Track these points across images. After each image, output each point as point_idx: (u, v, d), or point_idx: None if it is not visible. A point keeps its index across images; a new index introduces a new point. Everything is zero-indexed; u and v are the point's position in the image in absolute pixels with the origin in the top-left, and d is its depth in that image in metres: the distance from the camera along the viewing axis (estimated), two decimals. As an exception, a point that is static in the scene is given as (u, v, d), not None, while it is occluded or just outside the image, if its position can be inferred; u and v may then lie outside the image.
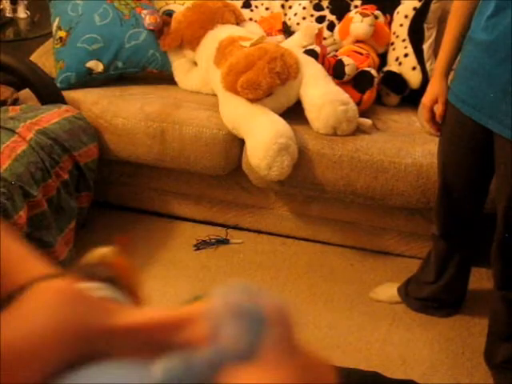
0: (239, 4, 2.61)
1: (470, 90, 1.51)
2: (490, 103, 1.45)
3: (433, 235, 1.86)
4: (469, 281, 1.92)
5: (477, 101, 1.49)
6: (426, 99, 1.68)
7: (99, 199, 2.33)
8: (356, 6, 2.49)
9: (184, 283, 2.09)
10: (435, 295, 1.93)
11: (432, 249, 1.90)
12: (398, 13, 2.41)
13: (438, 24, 2.36)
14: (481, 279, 2.04)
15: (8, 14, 3.00)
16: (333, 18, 2.51)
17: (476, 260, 1.89)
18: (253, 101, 2.08)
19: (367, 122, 2.15)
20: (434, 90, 1.66)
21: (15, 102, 2.25)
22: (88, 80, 2.39)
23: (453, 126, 1.62)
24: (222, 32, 2.35)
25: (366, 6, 2.44)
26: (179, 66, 2.47)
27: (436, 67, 1.69)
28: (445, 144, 1.69)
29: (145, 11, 2.46)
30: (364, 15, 2.33)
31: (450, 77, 1.65)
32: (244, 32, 2.38)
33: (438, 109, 1.65)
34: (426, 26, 2.35)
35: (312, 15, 2.56)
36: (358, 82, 2.23)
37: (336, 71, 2.22)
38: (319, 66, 2.19)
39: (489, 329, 1.73)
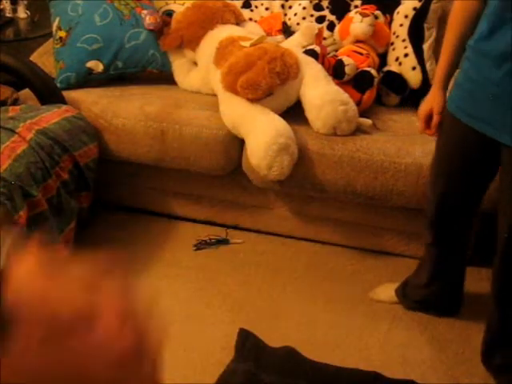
0: (239, 4, 2.61)
1: (476, 103, 1.47)
2: (500, 116, 1.42)
3: (425, 242, 1.85)
4: (464, 285, 1.92)
5: (486, 114, 1.45)
6: (421, 110, 1.67)
7: (99, 199, 2.33)
8: (356, 6, 2.49)
9: (184, 283, 2.09)
10: (430, 298, 1.93)
11: (425, 255, 1.90)
12: (397, 13, 2.41)
13: (438, 24, 2.36)
14: (481, 279, 2.04)
15: (8, 14, 3.00)
16: (333, 18, 2.51)
17: (476, 260, 1.89)
18: (253, 101, 2.08)
19: (367, 121, 2.15)
20: (430, 101, 1.65)
21: (15, 102, 2.25)
22: (88, 80, 2.39)
23: (452, 137, 1.61)
24: (222, 32, 2.35)
25: (365, 6, 2.44)
26: (179, 66, 2.47)
27: (435, 78, 1.67)
28: (442, 154, 1.67)
29: (145, 11, 2.46)
30: (364, 15, 2.33)
31: (450, 86, 1.64)
32: (244, 32, 2.38)
33: (434, 120, 1.64)
34: (426, 25, 2.34)
35: (312, 15, 2.56)
36: (358, 82, 2.23)
37: (336, 71, 2.22)
38: (319, 66, 2.19)
39: (484, 333, 1.72)
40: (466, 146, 1.57)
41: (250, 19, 2.60)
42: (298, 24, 2.55)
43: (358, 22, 2.33)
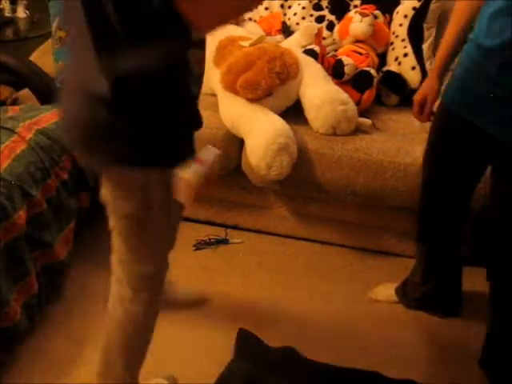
0: (239, 4, 2.60)
1: (474, 97, 1.48)
2: (494, 109, 1.43)
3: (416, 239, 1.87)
4: (461, 283, 1.92)
5: (480, 108, 1.46)
6: (416, 95, 1.72)
7: (99, 199, 2.33)
8: (355, 6, 2.49)
9: (184, 283, 2.09)
10: (427, 296, 1.93)
11: (416, 252, 1.91)
12: (397, 13, 2.41)
13: (437, 24, 2.36)
14: (479, 279, 2.04)
15: (8, 13, 3.00)
16: (332, 17, 2.51)
17: (475, 260, 1.89)
18: (252, 101, 2.08)
19: (367, 121, 2.15)
20: (425, 88, 1.68)
21: (15, 102, 2.24)
22: (87, 80, 2.38)
23: (442, 128, 1.62)
24: (222, 32, 2.34)
25: (365, 6, 2.44)
26: (179, 65, 2.47)
27: (433, 66, 1.70)
28: (432, 144, 1.69)
29: (144, 11, 2.46)
30: (363, 15, 2.33)
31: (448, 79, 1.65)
32: (243, 32, 2.38)
33: (426, 107, 1.67)
34: (425, 25, 2.35)
35: (311, 15, 2.56)
36: (358, 82, 2.23)
37: (335, 71, 2.22)
38: (319, 66, 2.20)
39: (485, 337, 1.72)
40: (456, 138, 1.58)
41: (250, 19, 2.60)
42: (297, 24, 2.55)
43: (357, 22, 2.33)
